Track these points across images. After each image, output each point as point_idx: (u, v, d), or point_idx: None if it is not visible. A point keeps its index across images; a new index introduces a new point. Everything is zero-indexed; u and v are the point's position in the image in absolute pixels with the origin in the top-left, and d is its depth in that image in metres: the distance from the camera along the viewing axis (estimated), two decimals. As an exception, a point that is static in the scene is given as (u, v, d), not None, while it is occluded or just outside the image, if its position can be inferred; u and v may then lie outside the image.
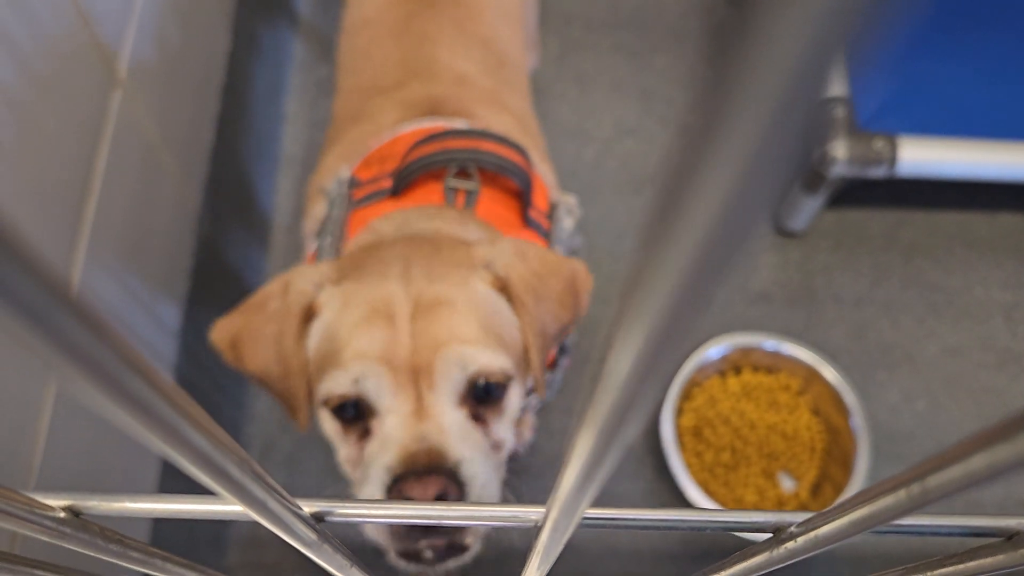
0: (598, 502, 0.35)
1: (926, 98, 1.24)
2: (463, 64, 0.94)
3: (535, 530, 0.43)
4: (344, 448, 0.67)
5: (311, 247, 0.88)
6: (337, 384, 0.63)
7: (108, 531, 0.45)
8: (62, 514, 0.44)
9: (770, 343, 1.22)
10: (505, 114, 0.93)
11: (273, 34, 1.43)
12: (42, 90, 0.72)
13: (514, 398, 0.68)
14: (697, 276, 0.18)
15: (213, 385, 1.17)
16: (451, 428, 0.63)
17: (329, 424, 0.67)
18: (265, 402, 1.28)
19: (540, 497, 1.23)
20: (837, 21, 0.11)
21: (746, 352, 1.23)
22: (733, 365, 1.25)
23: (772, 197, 0.16)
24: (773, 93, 0.13)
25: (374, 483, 0.62)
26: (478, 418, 0.65)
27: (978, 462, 0.29)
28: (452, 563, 0.67)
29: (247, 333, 0.69)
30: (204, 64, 1.15)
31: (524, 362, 0.69)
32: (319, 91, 1.46)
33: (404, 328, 0.62)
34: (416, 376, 0.62)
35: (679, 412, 1.23)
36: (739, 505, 1.17)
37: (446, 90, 0.91)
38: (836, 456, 1.18)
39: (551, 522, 0.37)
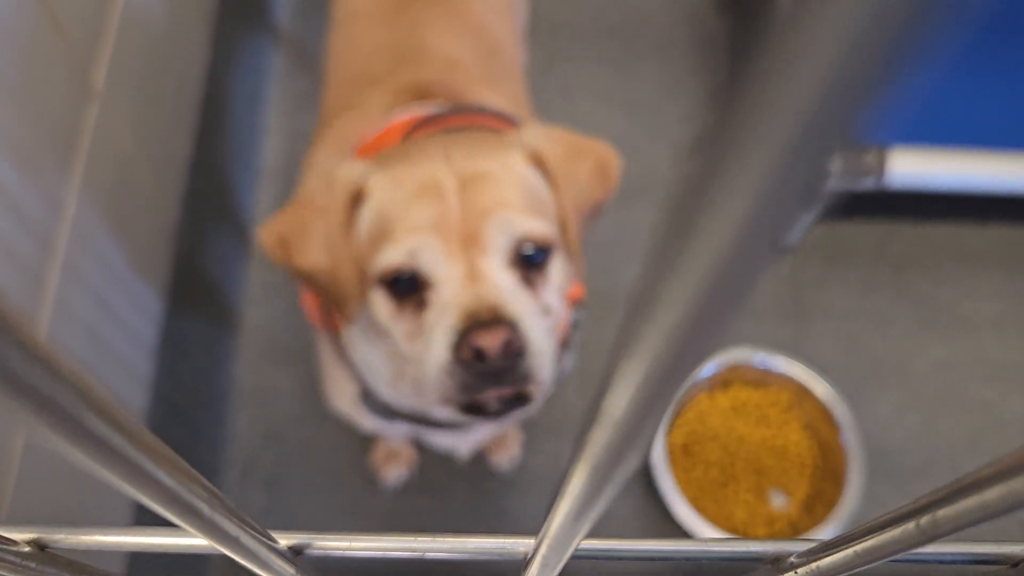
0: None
1: (915, 109, 1.24)
2: (454, 50, 0.95)
3: (524, 562, 0.42)
4: (400, 326, 0.68)
5: None
6: (392, 257, 0.66)
7: (76, 564, 0.43)
8: (27, 548, 0.41)
9: (759, 358, 1.20)
10: (498, 95, 0.94)
11: (253, 46, 1.41)
12: (15, 102, 0.70)
13: (557, 267, 0.71)
14: (702, 316, 0.16)
15: (192, 403, 1.14)
16: (505, 288, 0.66)
17: (382, 307, 0.69)
18: (246, 419, 1.25)
19: (527, 512, 1.20)
20: (861, 70, 0.10)
21: (735, 367, 1.21)
22: (722, 380, 1.24)
23: (784, 235, 0.15)
24: (787, 137, 0.12)
25: (437, 345, 0.64)
26: (527, 282, 0.69)
27: (993, 494, 0.27)
28: (516, 415, 0.70)
29: (295, 228, 0.71)
30: (183, 76, 1.13)
31: (563, 238, 0.72)
32: (299, 103, 1.45)
33: (453, 201, 0.66)
34: (467, 244, 0.66)
35: (668, 428, 1.21)
36: (729, 523, 1.15)
37: (436, 74, 0.92)
38: (827, 472, 1.17)
39: (540, 558, 0.35)
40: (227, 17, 1.27)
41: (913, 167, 1.19)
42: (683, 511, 1.10)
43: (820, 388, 1.17)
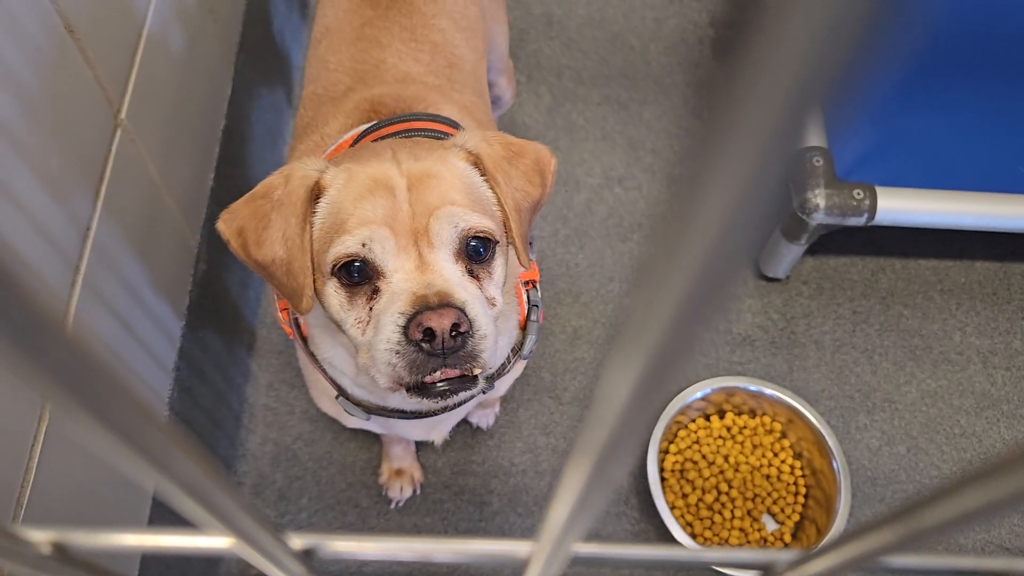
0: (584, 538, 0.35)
1: (904, 150, 1.27)
2: (409, 65, 0.99)
3: (523, 566, 0.43)
4: (352, 313, 0.71)
5: None
6: (345, 247, 0.68)
7: (96, 567, 0.45)
8: (47, 550, 0.43)
9: (753, 386, 1.22)
10: (451, 105, 0.97)
11: (271, 83, 1.45)
12: (45, 129, 0.74)
13: (500, 263, 0.74)
14: (686, 315, 0.19)
15: (208, 421, 1.16)
16: (452, 277, 0.69)
17: (335, 297, 0.71)
18: (258, 438, 1.27)
19: (530, 535, 1.21)
20: (813, 81, 0.12)
21: (730, 395, 1.23)
22: (717, 407, 1.25)
23: (754, 241, 0.17)
24: (752, 149, 0.14)
25: (387, 329, 0.67)
26: (472, 275, 0.72)
27: (973, 499, 0.29)
28: (462, 395, 0.73)
29: (253, 220, 0.73)
30: (206, 108, 1.17)
31: (506, 232, 0.76)
32: (313, 136, 1.48)
33: (403, 197, 0.70)
34: (416, 238, 0.69)
35: (664, 453, 1.23)
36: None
37: (388, 89, 0.95)
38: (818, 498, 1.19)
39: (541, 556, 0.37)
40: (248, 56, 1.31)
41: (902, 205, 1.22)
42: (680, 535, 1.12)
43: (813, 416, 1.19)
